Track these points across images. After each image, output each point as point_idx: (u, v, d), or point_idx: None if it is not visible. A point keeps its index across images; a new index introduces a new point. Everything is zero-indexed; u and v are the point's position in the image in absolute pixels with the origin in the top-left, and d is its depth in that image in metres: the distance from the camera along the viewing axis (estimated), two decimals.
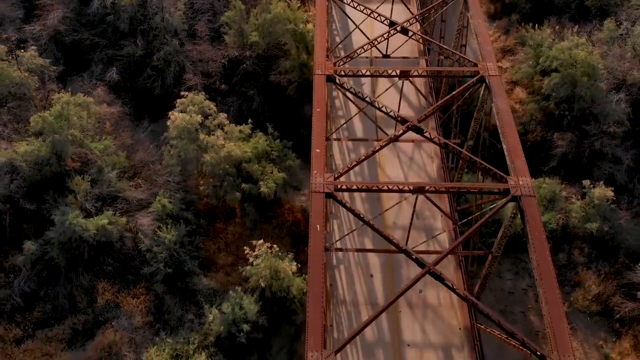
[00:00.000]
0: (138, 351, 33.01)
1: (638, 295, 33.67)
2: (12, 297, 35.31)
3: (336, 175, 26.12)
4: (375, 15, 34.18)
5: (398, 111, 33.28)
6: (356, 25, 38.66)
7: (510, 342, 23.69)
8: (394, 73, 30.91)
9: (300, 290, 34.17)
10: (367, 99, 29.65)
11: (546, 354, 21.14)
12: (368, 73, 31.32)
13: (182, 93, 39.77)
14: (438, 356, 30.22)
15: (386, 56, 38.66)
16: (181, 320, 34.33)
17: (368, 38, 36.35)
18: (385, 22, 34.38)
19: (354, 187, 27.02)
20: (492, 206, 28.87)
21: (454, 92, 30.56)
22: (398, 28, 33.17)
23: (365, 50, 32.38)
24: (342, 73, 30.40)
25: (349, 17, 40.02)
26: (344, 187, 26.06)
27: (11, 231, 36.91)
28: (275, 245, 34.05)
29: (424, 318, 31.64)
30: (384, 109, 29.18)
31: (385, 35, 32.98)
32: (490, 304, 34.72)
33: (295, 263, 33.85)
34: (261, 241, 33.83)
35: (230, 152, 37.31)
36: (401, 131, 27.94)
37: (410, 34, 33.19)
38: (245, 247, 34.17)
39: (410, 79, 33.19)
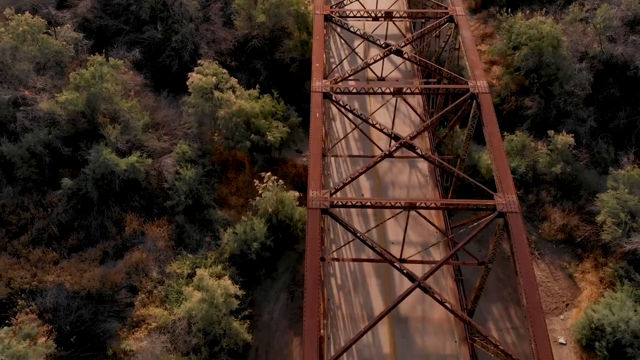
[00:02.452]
0: (162, 266, 37.84)
1: (595, 219, 38.77)
2: (49, 227, 40.23)
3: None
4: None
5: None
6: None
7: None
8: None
9: (301, 217, 39.30)
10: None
11: None
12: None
13: (198, 62, 45.54)
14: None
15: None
16: (199, 243, 39.25)
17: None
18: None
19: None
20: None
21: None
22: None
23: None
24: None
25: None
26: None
27: (50, 172, 42.08)
28: (280, 180, 39.32)
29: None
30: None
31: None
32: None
33: (298, 192, 39.08)
34: (269, 173, 39.06)
35: (241, 107, 42.89)
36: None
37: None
38: (255, 180, 39.39)
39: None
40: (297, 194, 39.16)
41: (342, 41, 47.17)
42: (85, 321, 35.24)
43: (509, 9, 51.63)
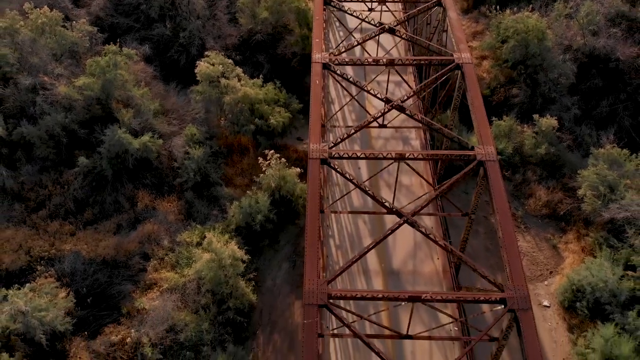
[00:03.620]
0: (172, 236, 40.45)
1: (577, 193, 41.50)
2: (66, 203, 42.86)
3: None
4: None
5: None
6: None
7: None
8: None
9: (302, 192, 42.02)
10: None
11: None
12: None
13: (205, 53, 48.60)
14: None
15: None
16: (207, 216, 41.92)
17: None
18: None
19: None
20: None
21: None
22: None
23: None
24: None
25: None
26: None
27: (66, 153, 44.85)
28: (283, 158, 42.12)
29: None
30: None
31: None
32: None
33: (299, 169, 41.91)
34: (272, 151, 41.86)
35: (246, 93, 45.86)
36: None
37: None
38: (259, 158, 42.18)
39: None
40: (298, 170, 41.91)
41: (342, 35, 50.77)
42: (101, 284, 37.80)
43: (498, 7, 54.82)
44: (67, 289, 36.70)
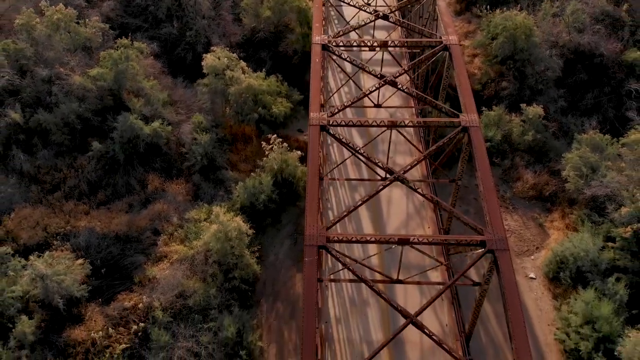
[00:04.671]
0: (181, 214, 42.97)
1: (561, 175, 44.14)
2: (80, 185, 45.39)
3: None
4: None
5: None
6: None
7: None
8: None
9: (303, 175, 44.60)
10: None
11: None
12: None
13: (211, 49, 51.48)
14: None
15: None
16: (214, 197, 44.44)
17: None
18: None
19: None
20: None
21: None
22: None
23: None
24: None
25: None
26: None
27: (80, 139, 47.50)
28: (285, 143, 44.79)
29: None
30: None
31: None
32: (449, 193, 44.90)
33: (300, 152, 44.58)
34: (275, 135, 44.52)
35: (250, 84, 48.65)
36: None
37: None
38: (262, 142, 44.84)
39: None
40: (299, 153, 44.55)
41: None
42: (114, 256, 40.26)
43: (488, 7, 57.89)
44: (83, 259, 39.02)
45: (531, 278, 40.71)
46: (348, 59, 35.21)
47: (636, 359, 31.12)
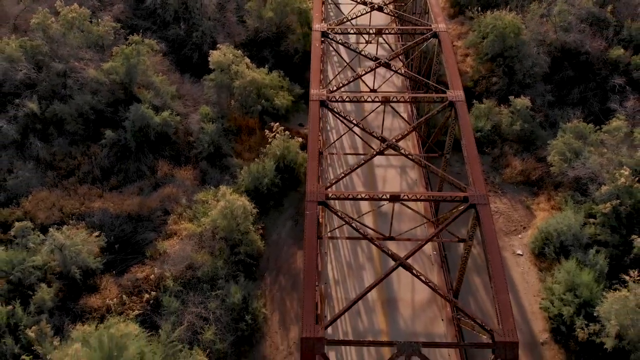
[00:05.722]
0: (190, 196, 45.65)
1: (547, 160, 46.93)
2: (93, 171, 48.09)
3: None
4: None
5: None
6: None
7: None
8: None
9: (304, 161, 47.33)
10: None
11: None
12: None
13: (217, 46, 54.52)
14: None
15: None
16: (220, 181, 47.10)
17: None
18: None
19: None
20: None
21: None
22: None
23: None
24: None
25: None
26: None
27: (93, 129, 50.32)
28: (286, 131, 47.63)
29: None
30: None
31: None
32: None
33: (301, 139, 47.37)
34: (277, 124, 47.38)
35: (254, 78, 51.62)
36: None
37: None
38: (265, 131, 47.69)
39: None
40: (300, 139, 47.37)
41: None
42: (126, 234, 42.87)
43: (480, 9, 61.09)
44: (99, 232, 41.59)
45: (518, 254, 43.31)
46: (345, 44, 38.17)
47: (613, 317, 33.57)
